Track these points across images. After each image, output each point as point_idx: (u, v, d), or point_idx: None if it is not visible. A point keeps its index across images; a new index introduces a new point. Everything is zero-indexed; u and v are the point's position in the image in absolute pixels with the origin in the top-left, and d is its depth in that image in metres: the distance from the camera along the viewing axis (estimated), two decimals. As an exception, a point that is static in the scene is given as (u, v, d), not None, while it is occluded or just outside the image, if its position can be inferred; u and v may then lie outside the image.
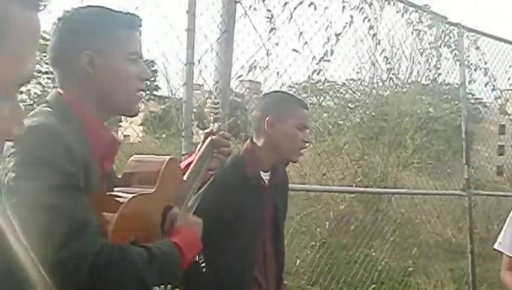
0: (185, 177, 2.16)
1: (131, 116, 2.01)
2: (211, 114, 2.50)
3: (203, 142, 2.45)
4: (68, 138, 1.60)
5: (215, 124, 2.48)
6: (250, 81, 5.83)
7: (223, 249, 2.67)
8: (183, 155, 3.90)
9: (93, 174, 1.67)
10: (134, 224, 1.74)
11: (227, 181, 2.73)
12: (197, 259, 2.11)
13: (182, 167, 2.26)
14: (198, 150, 2.40)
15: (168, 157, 2.01)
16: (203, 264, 2.76)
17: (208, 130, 2.45)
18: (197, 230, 1.95)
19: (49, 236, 1.47)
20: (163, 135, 6.95)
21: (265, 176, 2.91)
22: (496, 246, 3.58)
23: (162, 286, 1.66)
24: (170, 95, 6.36)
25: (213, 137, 2.40)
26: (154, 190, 1.84)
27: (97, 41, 1.77)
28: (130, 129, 5.34)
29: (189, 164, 2.31)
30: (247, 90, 6.28)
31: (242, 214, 2.76)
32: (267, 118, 2.87)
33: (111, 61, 1.79)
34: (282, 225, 3.07)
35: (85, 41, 1.77)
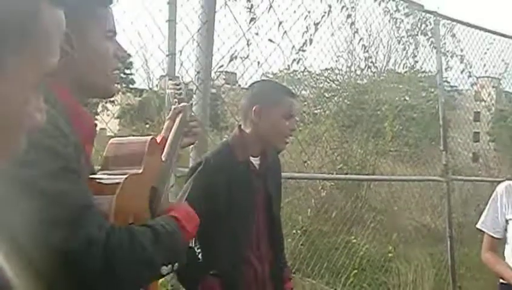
0: (163, 158, 2.13)
1: (109, 97, 1.97)
2: (175, 95, 2.49)
3: (172, 121, 2.42)
4: (61, 122, 1.56)
5: (182, 103, 2.46)
6: (226, 72, 5.86)
7: (216, 234, 2.71)
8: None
9: (82, 158, 1.64)
10: (130, 205, 1.71)
11: (218, 167, 2.78)
12: (193, 245, 2.13)
13: None
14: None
15: (149, 137, 1.98)
16: (199, 250, 2.81)
17: (176, 109, 2.43)
18: (187, 205, 1.95)
19: (53, 224, 1.41)
20: (147, 126, 6.94)
21: (255, 161, 2.95)
22: (478, 225, 3.73)
23: (170, 265, 1.66)
24: (149, 87, 6.35)
25: (181, 116, 2.38)
26: (141, 170, 1.81)
27: (75, 21, 1.68)
28: (106, 121, 5.28)
29: (161, 142, 2.27)
30: (224, 82, 6.30)
31: (233, 199, 2.79)
32: (254, 107, 2.91)
33: (90, 40, 1.75)
34: (276, 209, 3.08)
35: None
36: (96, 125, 1.84)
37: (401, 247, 7.45)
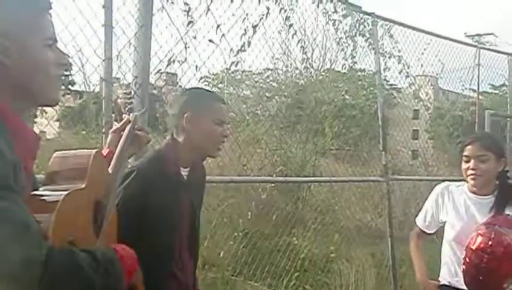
0: (109, 170, 2.11)
1: (52, 106, 1.92)
2: (125, 104, 2.48)
3: (118, 133, 2.41)
4: None
5: (130, 114, 2.47)
6: (167, 73, 5.80)
7: (143, 247, 2.64)
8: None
9: (20, 175, 1.58)
10: (71, 222, 1.67)
11: (148, 178, 2.73)
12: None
13: None
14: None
15: (94, 150, 1.95)
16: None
17: (124, 121, 2.42)
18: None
19: None
20: (83, 132, 6.82)
21: (184, 172, 2.92)
22: (417, 221, 3.90)
23: None
24: (87, 90, 6.24)
25: (130, 127, 2.38)
26: (84, 185, 1.78)
27: (12, 29, 1.67)
28: (46, 125, 5.19)
29: (108, 155, 2.27)
30: (164, 83, 6.25)
31: (162, 211, 2.76)
32: (185, 115, 2.87)
33: (29, 49, 1.69)
34: (198, 220, 3.08)
35: None
36: (39, 139, 1.79)
37: (342, 247, 7.49)
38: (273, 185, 7.32)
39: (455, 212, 3.62)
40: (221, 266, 6.28)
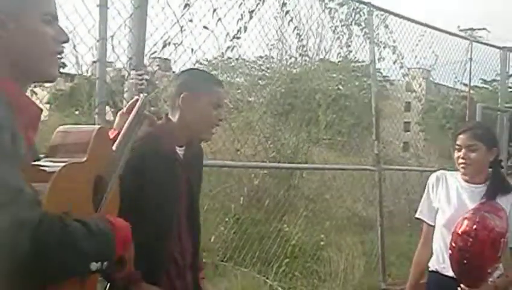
0: (114, 147, 2.12)
1: (51, 82, 1.92)
2: (137, 85, 2.49)
3: (129, 111, 2.43)
4: None
5: (141, 94, 2.48)
6: (160, 58, 5.78)
7: (140, 227, 2.64)
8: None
9: (19, 145, 1.58)
10: (67, 195, 1.66)
11: (143, 156, 2.71)
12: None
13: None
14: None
15: (98, 126, 1.95)
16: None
17: (132, 101, 2.44)
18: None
19: None
20: (76, 112, 6.79)
21: (180, 151, 2.91)
22: (417, 215, 3.86)
23: (100, 263, 1.62)
24: (79, 72, 6.21)
25: (140, 107, 2.41)
26: (85, 159, 1.78)
27: (7, 2, 1.68)
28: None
29: (115, 137, 2.28)
30: (158, 68, 6.23)
31: (159, 191, 2.75)
32: (182, 95, 2.85)
33: (25, 23, 1.69)
34: (196, 200, 3.06)
35: None
36: (41, 111, 1.79)
37: (332, 235, 7.51)
38: (265, 171, 7.33)
39: (447, 199, 3.65)
40: (211, 251, 6.29)
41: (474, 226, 3.33)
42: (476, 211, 3.42)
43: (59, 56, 1.81)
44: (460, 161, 3.59)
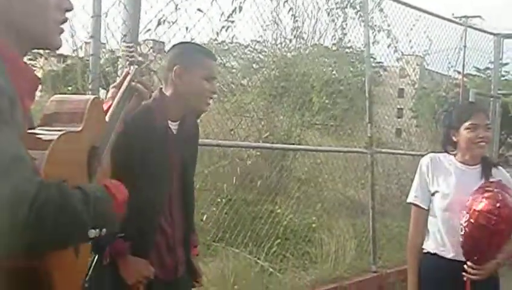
0: (106, 118, 2.13)
1: (54, 49, 1.87)
2: (126, 57, 2.50)
3: (121, 84, 2.43)
4: None
5: (131, 66, 2.48)
6: (154, 40, 5.76)
7: (130, 198, 2.65)
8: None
9: (17, 111, 1.56)
10: (64, 162, 1.66)
11: (136, 130, 2.71)
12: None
13: None
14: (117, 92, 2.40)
15: (92, 96, 1.94)
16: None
17: (124, 74, 2.44)
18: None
19: None
20: (69, 88, 6.75)
21: (173, 126, 2.92)
22: (409, 200, 3.82)
23: (98, 229, 1.61)
24: (72, 52, 6.17)
25: (131, 78, 2.42)
26: (80, 128, 1.77)
27: None
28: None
29: (107, 109, 2.28)
30: (151, 50, 6.20)
31: (149, 163, 2.77)
32: (174, 68, 2.87)
33: None
34: (190, 176, 3.08)
35: None
36: (39, 79, 1.77)
37: (324, 218, 7.53)
38: (258, 152, 7.34)
39: (446, 182, 3.65)
40: (203, 231, 6.28)
41: (498, 204, 3.34)
42: (489, 190, 3.44)
43: (61, 26, 1.79)
44: (479, 139, 3.59)
